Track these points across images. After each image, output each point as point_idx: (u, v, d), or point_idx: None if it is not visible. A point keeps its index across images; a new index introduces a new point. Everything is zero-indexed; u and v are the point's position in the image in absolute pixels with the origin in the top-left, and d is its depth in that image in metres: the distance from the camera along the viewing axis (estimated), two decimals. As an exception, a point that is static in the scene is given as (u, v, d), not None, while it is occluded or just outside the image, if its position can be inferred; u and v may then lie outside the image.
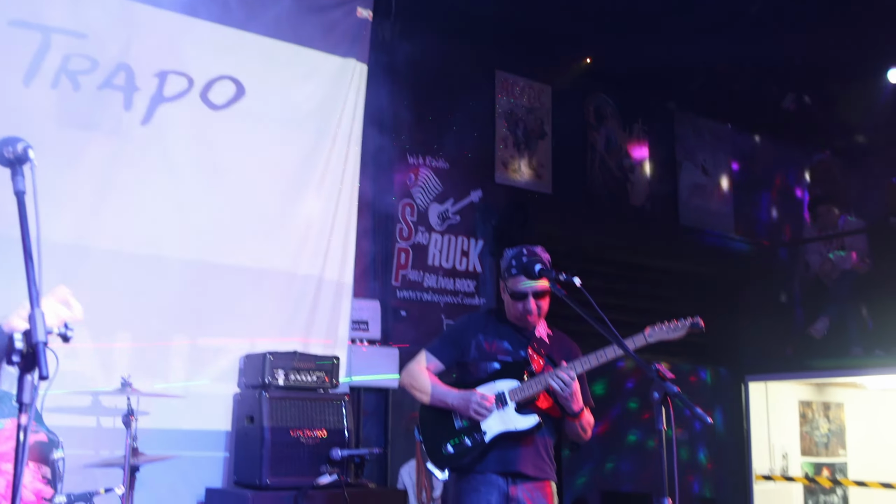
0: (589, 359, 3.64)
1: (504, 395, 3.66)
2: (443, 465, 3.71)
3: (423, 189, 6.01)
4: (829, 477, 7.17)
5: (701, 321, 3.47)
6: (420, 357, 3.83)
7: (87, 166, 4.49)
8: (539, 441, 3.70)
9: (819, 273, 7.46)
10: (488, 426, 3.65)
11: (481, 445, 3.64)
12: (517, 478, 3.65)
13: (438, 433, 3.73)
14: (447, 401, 3.70)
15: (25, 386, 1.99)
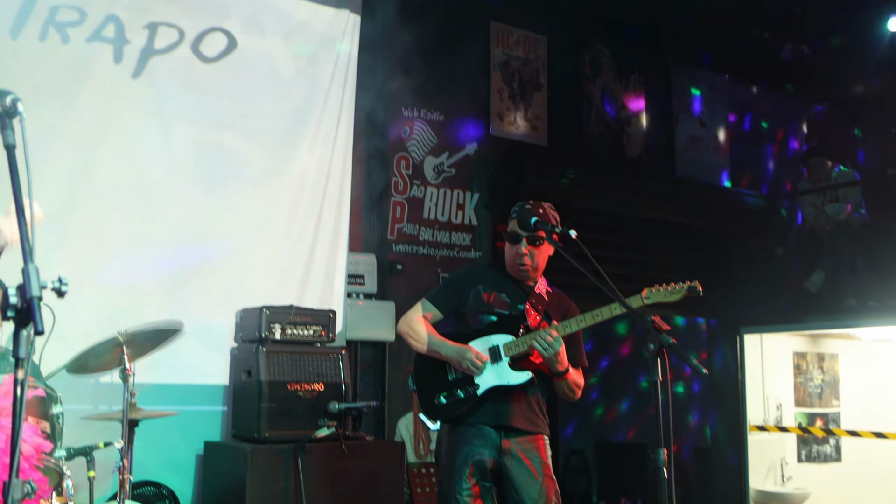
0: (581, 319, 3.65)
1: (499, 349, 3.67)
2: (435, 417, 3.74)
3: (418, 142, 5.97)
4: (822, 427, 7.25)
5: (699, 285, 3.46)
6: (418, 306, 3.84)
7: (78, 120, 4.44)
8: (532, 395, 3.73)
9: (814, 225, 7.46)
10: (482, 379, 3.67)
11: (474, 398, 3.66)
12: (509, 431, 3.68)
13: (432, 384, 3.75)
14: (442, 352, 3.72)
15: (21, 341, 1.99)
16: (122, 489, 3.57)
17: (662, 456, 2.80)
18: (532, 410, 3.73)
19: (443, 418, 3.74)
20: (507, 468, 3.67)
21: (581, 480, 7.81)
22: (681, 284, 3.50)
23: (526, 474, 3.65)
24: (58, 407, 3.80)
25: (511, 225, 3.78)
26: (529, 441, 3.70)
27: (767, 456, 7.00)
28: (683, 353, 2.82)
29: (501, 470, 3.68)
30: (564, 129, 6.83)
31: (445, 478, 3.70)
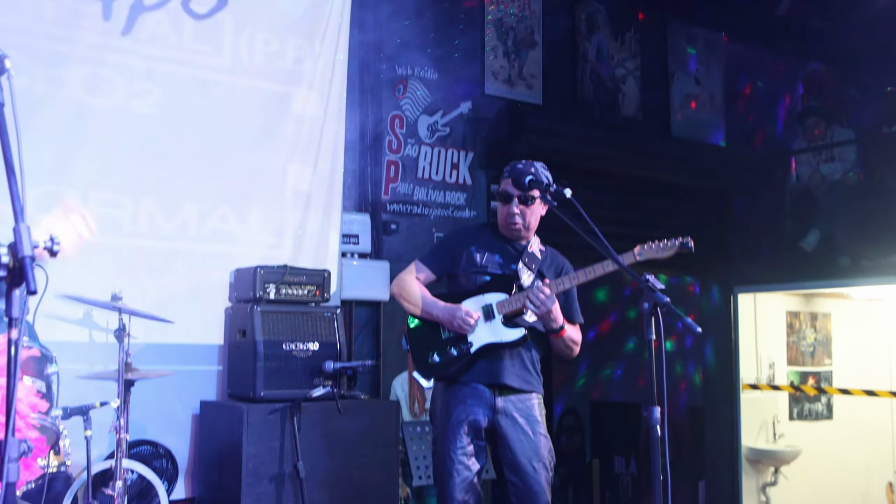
0: (574, 276, 3.65)
1: (492, 307, 3.68)
2: (428, 375, 3.76)
3: (412, 101, 5.92)
4: (814, 385, 7.31)
5: (691, 241, 3.46)
6: (411, 267, 3.85)
7: (67, 79, 4.39)
8: (525, 354, 3.74)
9: (808, 185, 7.45)
10: (475, 337, 3.68)
11: (467, 356, 3.67)
12: (503, 390, 3.70)
13: (425, 343, 3.77)
14: (433, 312, 3.73)
15: (14, 301, 1.99)
16: (119, 448, 3.59)
17: (656, 414, 2.82)
18: (526, 369, 3.74)
19: (436, 376, 3.76)
20: (501, 427, 3.69)
21: (575, 439, 7.89)
22: (672, 241, 3.50)
23: (520, 433, 3.68)
24: (53, 367, 3.81)
25: (503, 184, 3.78)
26: (523, 400, 3.73)
27: (759, 414, 7.07)
28: (677, 311, 2.83)
29: (495, 429, 3.70)
30: (559, 88, 6.78)
31: (440, 437, 3.73)
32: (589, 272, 3.60)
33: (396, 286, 3.86)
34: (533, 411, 3.73)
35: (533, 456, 3.66)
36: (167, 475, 4.26)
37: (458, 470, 3.64)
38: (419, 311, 3.77)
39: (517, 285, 3.69)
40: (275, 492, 4.11)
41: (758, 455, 6.95)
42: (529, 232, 3.81)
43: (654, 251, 3.52)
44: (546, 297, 3.56)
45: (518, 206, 3.72)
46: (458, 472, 3.64)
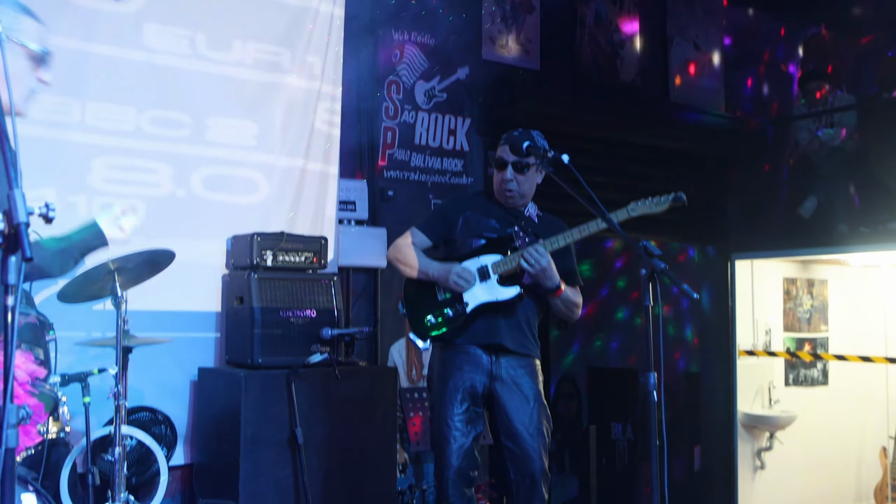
0: (568, 234, 3.65)
1: (487, 267, 3.68)
2: (424, 336, 3.77)
3: (409, 66, 5.88)
4: (810, 351, 7.34)
5: (683, 195, 3.46)
6: (407, 234, 3.85)
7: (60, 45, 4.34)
8: (521, 316, 3.74)
9: (808, 151, 7.43)
10: (471, 297, 3.68)
11: (463, 316, 3.68)
12: (499, 352, 3.70)
13: (421, 306, 3.78)
14: (429, 272, 3.73)
15: (9, 267, 1.98)
16: (118, 415, 3.60)
17: (653, 380, 2.84)
18: (522, 332, 3.75)
19: (433, 338, 3.77)
20: (498, 393, 3.70)
21: (571, 405, 7.93)
22: (666, 196, 3.49)
23: (516, 399, 3.69)
24: (51, 334, 3.81)
25: (499, 151, 3.78)
26: (521, 365, 3.73)
27: (755, 380, 7.10)
28: (675, 277, 2.83)
29: (492, 395, 3.72)
30: (557, 53, 6.73)
31: (437, 403, 3.75)
32: (583, 230, 3.60)
33: (393, 251, 3.87)
34: (530, 377, 3.74)
35: (529, 422, 3.68)
36: (166, 441, 4.28)
37: (454, 437, 3.66)
38: (416, 273, 3.78)
39: (512, 247, 3.70)
40: (273, 458, 4.14)
41: (753, 420, 6.99)
42: (525, 199, 3.81)
43: (646, 206, 3.52)
44: (540, 255, 3.56)
45: (513, 173, 3.72)
46: (455, 439, 3.66)
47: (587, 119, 6.62)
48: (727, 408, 7.20)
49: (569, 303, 3.74)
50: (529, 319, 3.79)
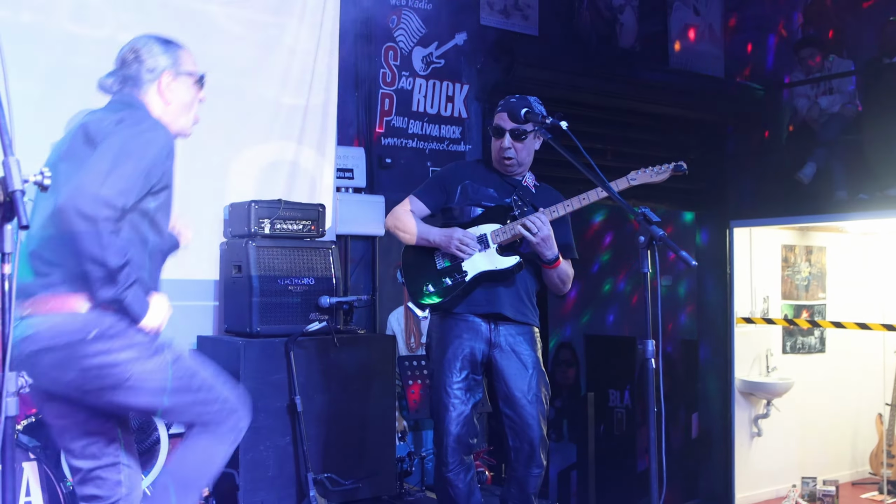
0: (568, 203, 3.64)
1: (486, 237, 3.68)
2: (423, 305, 3.77)
3: (406, 32, 5.82)
4: (807, 319, 7.36)
5: (684, 164, 3.44)
6: (405, 201, 3.84)
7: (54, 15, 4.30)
8: (520, 285, 3.73)
9: (806, 117, 7.39)
10: (469, 266, 3.68)
11: (462, 284, 3.67)
12: (498, 320, 3.70)
13: (420, 274, 3.77)
14: (430, 237, 3.72)
15: (5, 235, 1.97)
16: (117, 382, 3.60)
17: (651, 347, 2.84)
18: (521, 300, 3.75)
19: (431, 307, 3.77)
20: (497, 360, 3.71)
21: (569, 373, 7.97)
22: (667, 165, 3.48)
23: (515, 366, 3.70)
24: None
25: (496, 118, 3.75)
26: (519, 333, 3.74)
27: (753, 347, 7.13)
28: (673, 244, 2.83)
29: (491, 362, 3.72)
30: (556, 19, 6.67)
31: (436, 371, 3.75)
32: (583, 199, 3.59)
33: (391, 219, 3.85)
34: (528, 344, 3.74)
35: (528, 389, 3.69)
36: (166, 409, 4.28)
37: (453, 404, 3.67)
38: (414, 239, 3.76)
39: (511, 216, 3.69)
40: (272, 426, 4.15)
41: (751, 388, 7.03)
42: (523, 167, 3.79)
43: (647, 175, 3.51)
44: (542, 223, 3.55)
45: (511, 141, 3.70)
46: (454, 407, 3.67)
47: (586, 85, 6.58)
48: (724, 375, 7.24)
49: (563, 275, 3.74)
50: (528, 288, 3.78)
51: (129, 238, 2.61)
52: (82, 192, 2.46)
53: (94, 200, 2.45)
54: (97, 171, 2.51)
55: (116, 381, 2.61)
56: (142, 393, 2.65)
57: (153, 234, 2.73)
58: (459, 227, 3.73)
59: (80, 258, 2.49)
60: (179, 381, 2.70)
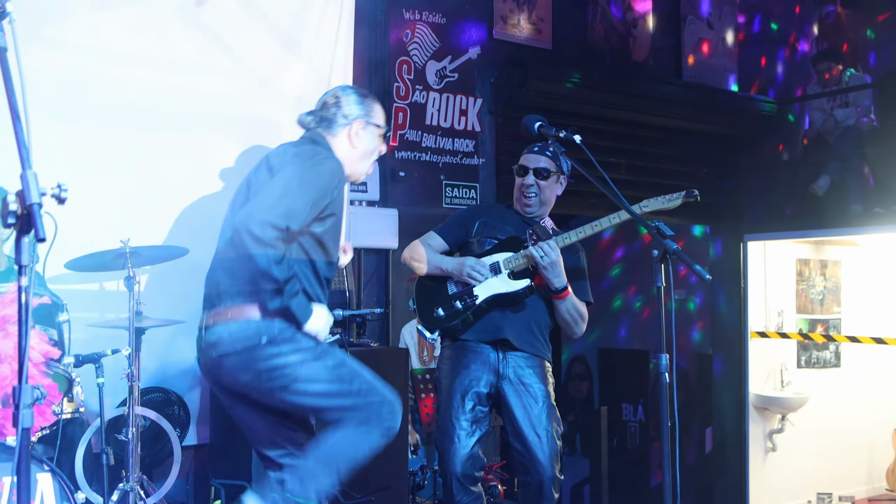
0: (580, 230, 3.63)
1: (499, 264, 3.69)
2: (433, 328, 3.76)
3: (420, 46, 5.85)
4: (822, 333, 7.31)
5: (696, 192, 3.44)
6: (425, 236, 3.88)
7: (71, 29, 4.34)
8: (531, 316, 3.71)
9: (821, 130, 7.37)
10: (481, 290, 3.68)
11: (471, 308, 3.67)
12: (507, 349, 3.68)
13: (431, 299, 3.78)
14: (442, 266, 3.74)
15: (23, 248, 1.98)
16: (132, 395, 3.62)
17: (665, 361, 2.83)
18: (531, 331, 3.73)
19: (441, 330, 3.76)
20: (505, 393, 3.68)
21: (583, 386, 7.94)
22: (678, 193, 3.48)
23: (524, 399, 3.67)
24: (64, 314, 3.82)
25: (521, 159, 3.82)
26: (528, 365, 3.71)
27: (767, 361, 7.09)
28: (687, 257, 2.82)
29: (500, 394, 3.70)
30: (569, 32, 6.68)
31: (444, 402, 3.75)
32: (595, 225, 3.59)
33: (407, 251, 3.89)
34: (538, 377, 3.71)
35: (537, 423, 3.64)
36: (179, 422, 4.30)
37: (459, 437, 3.66)
38: (426, 268, 3.79)
39: (524, 246, 3.69)
40: (286, 438, 4.14)
41: (765, 402, 6.98)
42: (544, 207, 3.82)
43: (659, 203, 3.51)
44: (550, 248, 3.56)
45: (534, 179, 3.73)
46: (460, 440, 3.66)
47: (599, 99, 6.58)
48: (739, 389, 7.19)
49: (573, 310, 3.71)
50: (539, 321, 3.76)
51: (297, 256, 2.96)
52: (252, 216, 2.80)
53: (262, 224, 2.76)
54: (268, 198, 2.86)
55: (286, 382, 2.91)
56: (308, 394, 2.93)
57: (320, 254, 3.03)
58: (473, 257, 3.75)
59: (253, 274, 2.82)
60: (342, 384, 2.96)
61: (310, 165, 2.96)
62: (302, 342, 2.95)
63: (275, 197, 2.85)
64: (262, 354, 2.90)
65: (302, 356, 2.93)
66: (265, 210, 2.81)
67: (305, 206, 2.86)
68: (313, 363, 2.95)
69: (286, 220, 2.80)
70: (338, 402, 2.96)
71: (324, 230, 2.99)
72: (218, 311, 2.98)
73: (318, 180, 2.92)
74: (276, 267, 2.79)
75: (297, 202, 2.85)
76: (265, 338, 2.89)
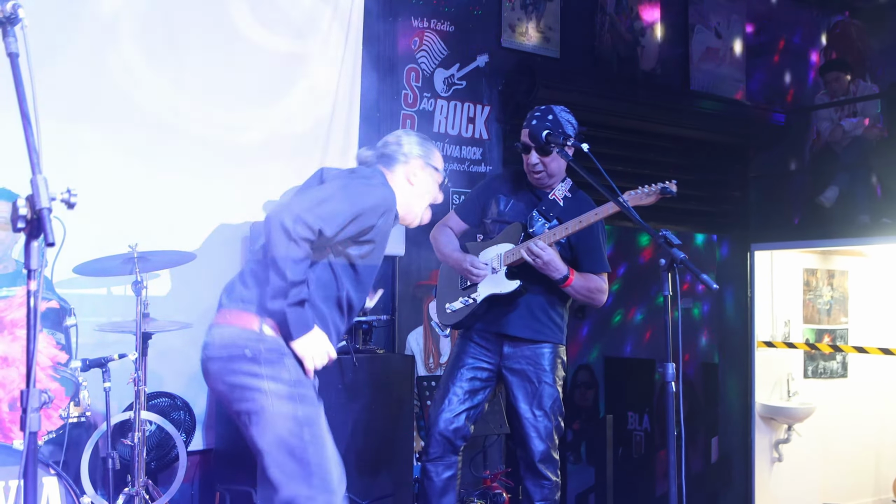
0: (566, 226, 3.64)
1: (501, 257, 3.73)
2: (444, 323, 3.98)
3: (428, 53, 5.86)
4: (829, 343, 7.29)
5: (674, 186, 3.43)
6: (447, 216, 4.00)
7: (82, 35, 4.36)
8: (535, 302, 3.76)
9: (829, 140, 7.35)
10: (482, 287, 3.75)
11: (473, 306, 3.76)
12: (512, 341, 3.77)
13: (446, 292, 3.96)
14: (449, 260, 3.88)
15: (32, 252, 1.99)
16: (138, 400, 3.63)
17: (671, 370, 2.83)
18: (535, 318, 3.76)
19: (450, 325, 3.96)
20: (506, 375, 3.80)
21: (588, 394, 7.93)
22: (654, 186, 3.47)
23: (523, 380, 3.76)
24: (71, 319, 3.84)
25: (523, 134, 3.80)
26: (532, 349, 3.77)
27: (774, 371, 7.07)
28: (694, 267, 2.82)
29: (502, 375, 3.82)
30: (577, 41, 6.68)
31: (445, 375, 3.89)
32: (583, 220, 3.60)
33: (434, 231, 4.00)
34: (541, 360, 3.76)
35: (534, 402, 3.72)
36: (185, 427, 4.31)
37: (450, 400, 3.79)
38: (441, 258, 3.96)
39: (527, 234, 3.72)
40: (291, 443, 4.15)
41: (771, 412, 6.96)
42: (554, 177, 3.82)
43: (637, 198, 3.52)
44: (541, 249, 3.57)
45: (538, 157, 3.73)
46: (450, 402, 3.78)
47: (607, 107, 6.58)
48: (745, 399, 7.17)
49: (582, 290, 3.73)
50: (545, 304, 3.78)
51: (323, 273, 2.83)
52: (289, 208, 2.70)
53: (295, 218, 2.66)
54: (310, 198, 2.79)
55: (250, 409, 2.74)
56: (264, 433, 2.73)
57: (350, 280, 2.90)
58: (488, 245, 3.82)
59: (267, 267, 2.69)
60: (297, 441, 2.74)
61: (362, 182, 2.92)
62: (284, 373, 2.75)
63: (317, 198, 2.78)
64: (239, 368, 2.75)
65: (277, 388, 2.74)
66: (302, 207, 2.72)
67: (346, 218, 2.76)
68: (284, 403, 2.74)
69: (320, 222, 2.70)
70: (282, 458, 2.73)
71: (360, 254, 2.90)
72: (222, 313, 2.88)
73: (366, 198, 2.84)
74: (290, 264, 2.65)
75: (339, 210, 2.75)
76: (249, 351, 2.74)
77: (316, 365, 2.82)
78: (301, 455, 2.73)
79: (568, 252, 3.79)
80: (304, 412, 2.76)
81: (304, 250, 2.68)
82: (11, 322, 3.54)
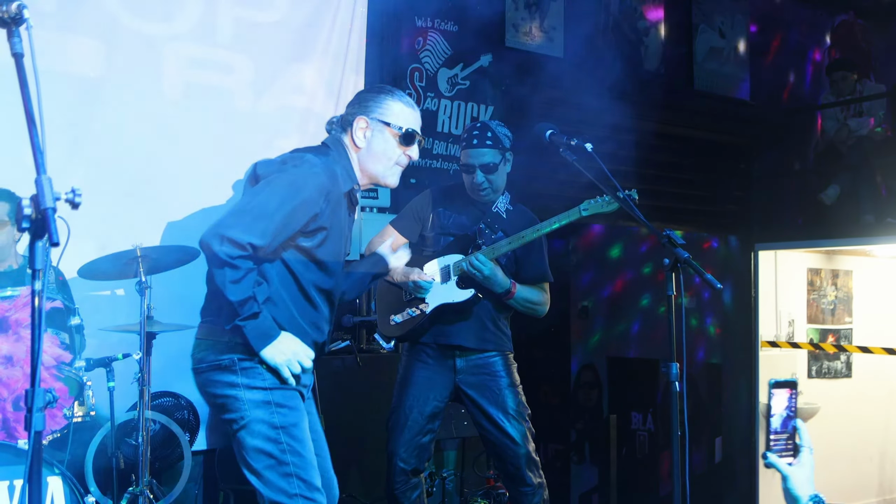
0: (509, 241, 3.67)
1: (449, 268, 3.72)
2: (389, 336, 3.84)
3: (432, 53, 5.86)
4: (833, 343, 7.28)
5: (635, 192, 3.43)
6: (383, 230, 3.90)
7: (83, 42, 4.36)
8: (484, 313, 3.76)
9: (834, 139, 7.34)
10: (431, 298, 3.73)
11: (422, 316, 3.73)
12: (463, 352, 3.75)
13: (387, 305, 3.85)
14: (395, 277, 3.77)
15: (37, 252, 2.00)
16: (142, 400, 3.63)
17: (675, 370, 2.82)
18: (485, 328, 3.77)
19: (397, 337, 3.82)
20: (463, 387, 3.78)
21: (592, 394, 7.93)
22: (616, 194, 3.48)
23: (483, 389, 3.76)
24: (76, 319, 3.84)
25: (462, 157, 3.83)
26: (483, 358, 3.79)
27: (778, 371, 7.05)
28: (698, 267, 2.82)
29: (459, 388, 3.79)
30: (581, 41, 6.68)
31: (397, 392, 3.83)
32: (521, 236, 3.65)
33: (367, 246, 3.95)
34: (495, 367, 3.78)
35: (500, 409, 3.73)
36: (189, 427, 4.31)
37: (409, 427, 3.76)
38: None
39: (475, 246, 3.72)
40: (295, 443, 4.15)
41: (775, 412, 6.94)
42: (498, 192, 3.84)
43: (598, 206, 3.55)
44: (481, 264, 3.58)
45: (483, 176, 3.74)
46: (409, 430, 3.76)
47: (610, 107, 6.57)
48: (749, 399, 7.16)
49: (525, 303, 3.79)
50: (494, 315, 3.81)
51: (277, 273, 2.75)
52: (216, 229, 2.63)
53: (221, 240, 2.60)
54: (233, 211, 2.68)
55: (231, 417, 2.74)
56: (244, 440, 2.73)
57: (313, 273, 2.80)
58: (431, 258, 3.79)
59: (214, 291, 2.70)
60: (274, 447, 2.72)
61: (289, 177, 2.73)
62: (259, 380, 2.73)
63: (239, 210, 2.68)
64: (218, 379, 2.75)
65: (253, 395, 2.72)
66: (227, 223, 2.64)
67: (278, 222, 2.66)
68: (261, 408, 2.72)
69: (248, 237, 2.61)
70: (259, 465, 2.73)
71: (314, 244, 2.78)
72: (200, 326, 2.88)
73: (296, 192, 2.69)
74: (231, 286, 2.61)
75: (266, 214, 2.64)
76: (225, 362, 2.73)
77: (292, 370, 2.75)
78: (280, 459, 2.72)
79: (513, 264, 3.83)
80: (280, 418, 2.73)
81: (242, 267, 2.62)
82: (16, 321, 3.55)
